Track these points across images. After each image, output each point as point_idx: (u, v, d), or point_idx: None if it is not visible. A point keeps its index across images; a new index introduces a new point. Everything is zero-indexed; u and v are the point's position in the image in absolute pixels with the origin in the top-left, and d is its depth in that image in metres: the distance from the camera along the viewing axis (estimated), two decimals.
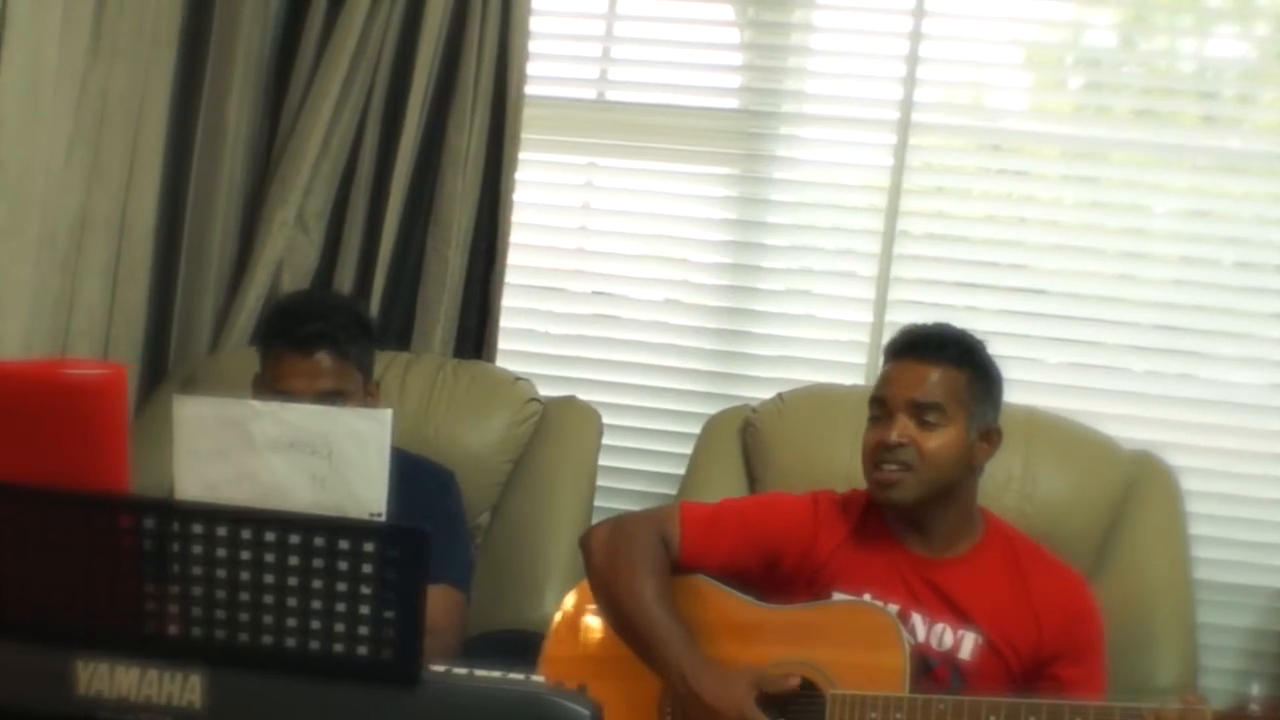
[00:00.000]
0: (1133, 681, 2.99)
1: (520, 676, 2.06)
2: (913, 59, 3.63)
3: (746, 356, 3.76)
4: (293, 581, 1.72)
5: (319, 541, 1.69)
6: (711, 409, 3.55)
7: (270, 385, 2.86)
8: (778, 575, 2.66)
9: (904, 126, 3.63)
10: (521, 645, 2.80)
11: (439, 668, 2.21)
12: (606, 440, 3.50)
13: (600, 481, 3.46)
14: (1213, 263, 3.59)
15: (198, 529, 1.70)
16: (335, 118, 3.69)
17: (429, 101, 3.70)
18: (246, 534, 1.70)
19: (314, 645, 1.74)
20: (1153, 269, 3.62)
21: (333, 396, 2.80)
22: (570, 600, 2.73)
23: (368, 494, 1.78)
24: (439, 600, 2.83)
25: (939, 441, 2.59)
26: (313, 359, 2.83)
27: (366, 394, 2.96)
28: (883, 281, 3.66)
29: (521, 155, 3.71)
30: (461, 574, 2.97)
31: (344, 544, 1.68)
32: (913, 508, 2.63)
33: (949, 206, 3.72)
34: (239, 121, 3.74)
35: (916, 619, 2.60)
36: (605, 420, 3.51)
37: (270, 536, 1.69)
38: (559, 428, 3.47)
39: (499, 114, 3.69)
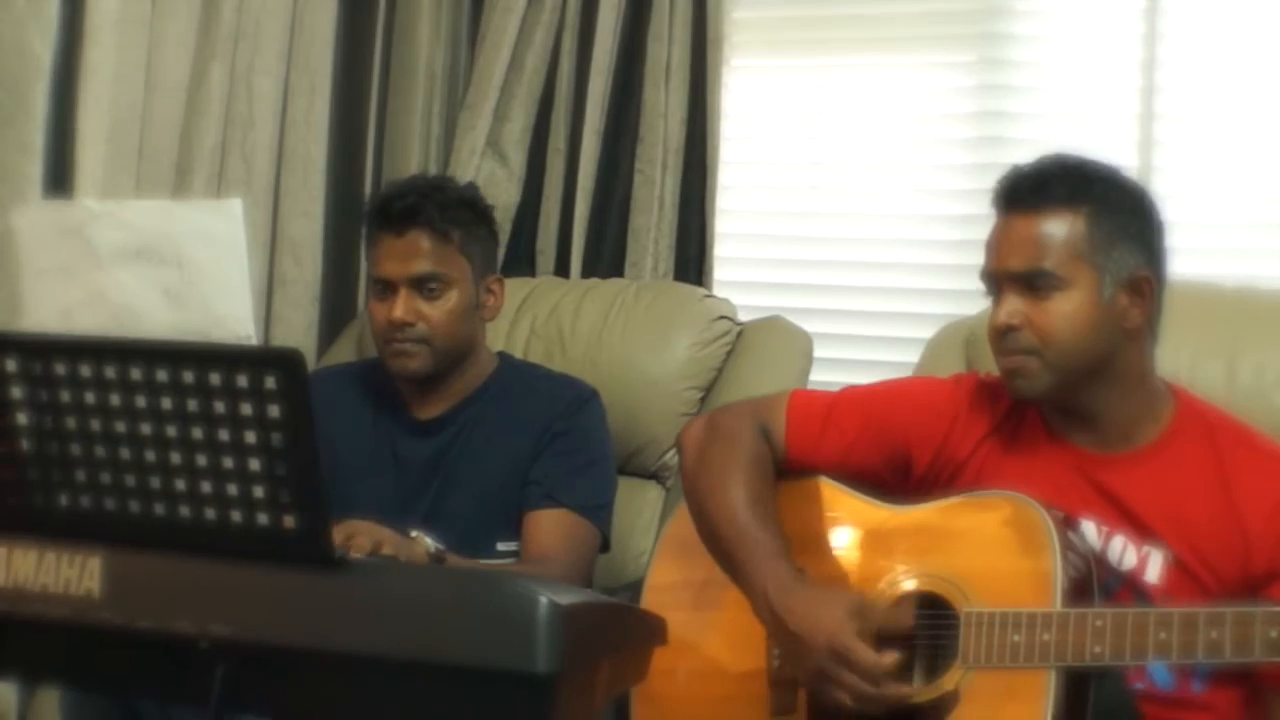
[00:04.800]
0: None
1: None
2: None
3: None
4: (171, 431, 1.41)
5: (188, 377, 1.37)
6: None
7: (371, 275, 2.57)
8: (910, 480, 2.14)
9: None
10: None
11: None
12: (816, 375, 3.09)
13: None
14: None
15: (61, 370, 1.42)
16: (524, 36, 3.45)
17: (624, 9, 3.41)
18: (110, 373, 1.39)
19: (210, 514, 1.43)
20: None
21: (433, 283, 2.49)
22: (677, 516, 2.23)
23: (229, 309, 1.46)
24: (551, 525, 2.47)
25: (1060, 314, 2.00)
26: (405, 238, 2.50)
27: (487, 290, 2.61)
28: (1144, 173, 3.11)
29: (735, 62, 3.41)
30: (587, 502, 2.54)
31: (215, 378, 1.37)
32: (1058, 396, 2.06)
33: (1212, 81, 3.11)
34: (432, 48, 3.52)
35: (1088, 527, 2.03)
36: (820, 352, 3.10)
37: (136, 374, 1.39)
38: (760, 352, 3.07)
39: (700, 18, 3.35)
